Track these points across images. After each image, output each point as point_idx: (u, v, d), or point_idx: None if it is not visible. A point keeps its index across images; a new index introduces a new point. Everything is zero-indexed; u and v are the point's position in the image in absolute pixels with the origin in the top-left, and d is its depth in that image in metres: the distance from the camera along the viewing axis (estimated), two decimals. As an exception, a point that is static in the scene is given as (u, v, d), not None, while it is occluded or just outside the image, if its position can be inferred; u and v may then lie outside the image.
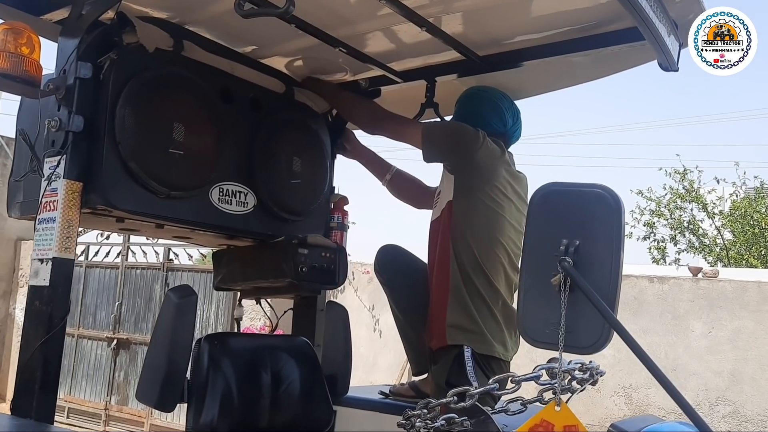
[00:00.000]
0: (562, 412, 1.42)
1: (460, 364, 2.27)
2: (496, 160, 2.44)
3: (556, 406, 1.45)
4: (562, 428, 1.40)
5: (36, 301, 1.92)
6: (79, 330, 8.91)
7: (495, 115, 2.56)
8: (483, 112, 2.57)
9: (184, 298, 2.02)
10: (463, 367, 2.25)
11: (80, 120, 1.97)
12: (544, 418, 1.44)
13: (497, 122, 2.56)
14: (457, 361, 2.28)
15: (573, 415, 1.40)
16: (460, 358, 2.27)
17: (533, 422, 1.45)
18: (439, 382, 2.29)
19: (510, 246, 2.41)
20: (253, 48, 2.55)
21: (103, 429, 8.46)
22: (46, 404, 1.87)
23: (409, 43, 2.48)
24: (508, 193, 2.43)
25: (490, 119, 2.55)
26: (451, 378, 2.25)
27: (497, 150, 2.46)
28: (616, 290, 1.32)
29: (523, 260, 1.45)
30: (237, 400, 2.11)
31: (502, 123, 2.57)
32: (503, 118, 2.58)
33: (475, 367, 2.25)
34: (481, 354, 2.29)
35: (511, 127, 2.61)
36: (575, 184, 1.41)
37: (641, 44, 2.14)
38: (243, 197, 2.38)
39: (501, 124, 2.57)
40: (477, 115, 2.55)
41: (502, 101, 2.60)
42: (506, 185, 2.43)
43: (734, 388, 5.88)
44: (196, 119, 2.21)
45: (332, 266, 2.61)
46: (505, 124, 2.58)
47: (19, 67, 1.86)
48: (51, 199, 1.95)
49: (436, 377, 2.34)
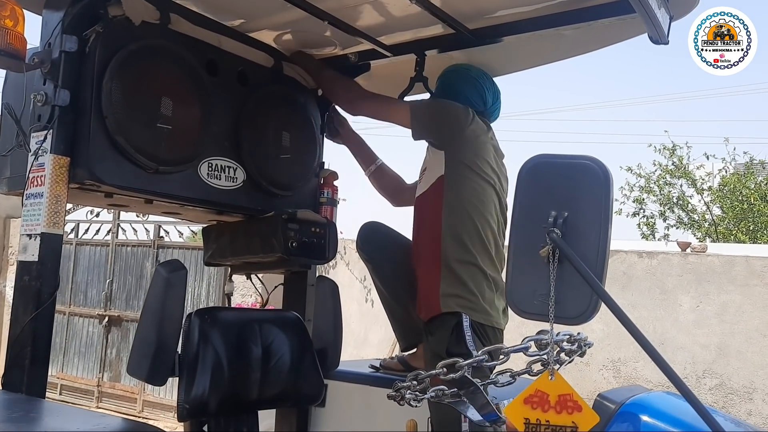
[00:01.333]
0: (557, 381, 1.43)
1: (458, 333, 2.29)
2: (484, 135, 2.48)
3: (549, 376, 1.47)
4: (557, 397, 1.42)
5: (25, 276, 1.91)
6: (71, 308, 8.91)
7: (476, 94, 2.59)
8: (464, 90, 2.59)
9: (174, 272, 2.02)
10: (462, 336, 2.27)
11: (66, 94, 1.95)
12: (538, 388, 1.46)
13: (477, 101, 2.59)
14: (455, 330, 2.30)
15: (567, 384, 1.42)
16: (458, 327, 2.29)
17: (527, 393, 1.46)
18: (438, 352, 2.29)
19: (498, 218, 2.46)
20: (240, 21, 2.52)
21: (96, 405, 8.50)
22: (37, 379, 1.87)
23: (399, 16, 2.46)
24: (495, 167, 2.47)
25: (470, 97, 2.57)
26: (451, 347, 2.27)
27: (484, 126, 2.50)
28: (604, 261, 1.33)
29: (511, 232, 1.46)
30: (228, 373, 2.12)
31: (482, 102, 2.60)
32: (483, 97, 2.61)
33: (473, 336, 2.28)
34: (478, 323, 2.31)
35: (491, 106, 2.64)
36: (563, 156, 1.42)
37: (632, 17, 2.13)
38: (232, 172, 2.37)
39: (481, 103, 2.60)
40: (458, 93, 2.58)
41: (483, 80, 2.63)
42: (493, 160, 2.47)
43: (721, 361, 5.97)
44: (184, 93, 2.19)
45: (322, 241, 2.61)
46: (485, 102, 2.61)
47: (3, 40, 1.83)
48: (38, 174, 1.94)
49: (435, 347, 2.35)
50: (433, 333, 2.40)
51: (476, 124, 2.45)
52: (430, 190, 2.51)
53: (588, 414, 1.42)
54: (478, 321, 2.32)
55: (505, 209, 2.50)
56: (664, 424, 1.74)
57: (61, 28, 1.95)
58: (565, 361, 1.63)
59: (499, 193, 2.47)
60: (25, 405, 1.69)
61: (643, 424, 1.74)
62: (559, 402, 1.44)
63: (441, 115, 2.50)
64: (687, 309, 6.16)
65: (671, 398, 1.92)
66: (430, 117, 2.52)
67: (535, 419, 1.43)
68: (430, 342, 2.42)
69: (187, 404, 2.03)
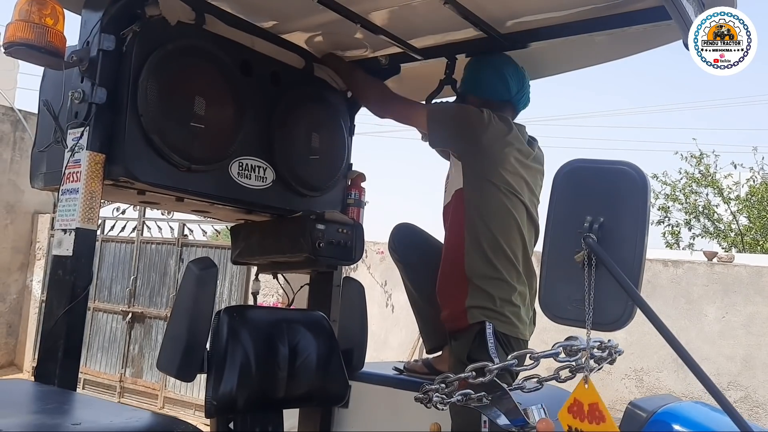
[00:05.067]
0: (590, 390, 1.42)
1: (481, 340, 2.27)
2: (503, 140, 2.38)
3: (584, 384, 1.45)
4: (588, 406, 1.41)
5: (59, 270, 1.95)
6: (95, 303, 9.02)
7: (499, 82, 2.51)
8: (486, 78, 2.53)
9: (205, 269, 2.04)
10: (484, 343, 2.25)
11: (103, 92, 1.98)
12: (576, 398, 1.44)
13: (501, 89, 2.51)
14: (478, 337, 2.28)
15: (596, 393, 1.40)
16: (481, 334, 2.28)
17: (569, 403, 1.45)
18: (459, 357, 2.29)
19: (524, 229, 2.38)
20: (274, 23, 2.54)
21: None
22: (69, 372, 1.90)
23: (430, 19, 2.46)
24: (521, 172, 2.38)
25: (494, 86, 2.51)
26: (472, 353, 2.26)
27: (504, 128, 2.39)
28: (640, 267, 1.32)
29: (545, 236, 1.45)
30: (255, 371, 2.13)
31: (506, 90, 2.52)
32: (507, 85, 2.52)
33: (495, 344, 2.26)
34: (502, 333, 2.29)
35: (516, 93, 2.54)
36: (600, 161, 1.40)
37: (667, 24, 2.11)
38: (262, 172, 2.39)
39: (505, 91, 2.52)
40: (481, 82, 2.53)
41: (506, 68, 2.54)
42: (515, 166, 2.37)
43: (746, 373, 5.87)
44: (217, 93, 2.22)
45: (349, 242, 2.63)
46: (509, 90, 2.52)
47: (43, 38, 1.87)
48: (74, 170, 1.97)
49: (457, 352, 2.35)
50: (456, 339, 2.39)
51: (494, 127, 2.36)
52: (452, 202, 2.47)
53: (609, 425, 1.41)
54: (502, 331, 2.29)
55: (534, 217, 2.42)
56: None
57: (100, 27, 1.99)
58: (594, 368, 1.61)
59: (526, 203, 2.38)
60: (58, 397, 1.72)
61: (674, 434, 1.72)
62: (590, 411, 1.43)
63: (455, 118, 2.45)
64: (712, 319, 6.08)
65: (703, 408, 1.90)
66: (444, 120, 2.48)
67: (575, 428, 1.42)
68: (453, 347, 2.41)
69: (215, 401, 2.05)
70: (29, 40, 1.85)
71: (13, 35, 1.85)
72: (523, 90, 2.58)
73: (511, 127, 2.42)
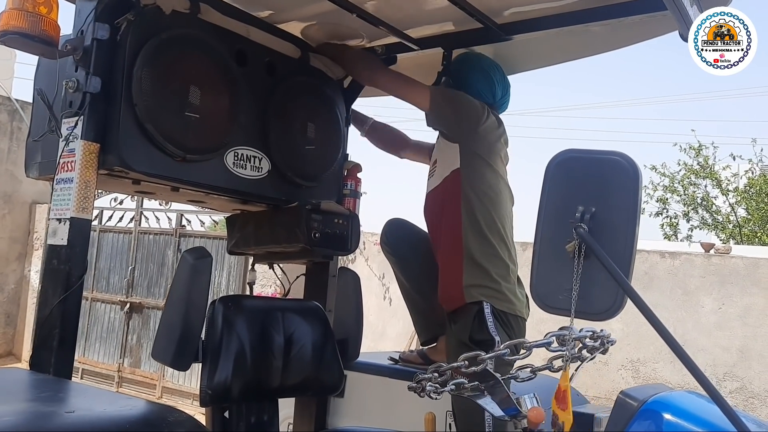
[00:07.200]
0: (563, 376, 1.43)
1: (480, 320, 2.33)
2: (496, 132, 2.52)
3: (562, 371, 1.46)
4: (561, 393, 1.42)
5: (54, 259, 1.95)
6: (93, 293, 9.02)
7: (486, 86, 2.60)
8: (474, 81, 2.60)
9: (200, 259, 2.04)
10: (483, 323, 2.31)
11: (97, 81, 1.97)
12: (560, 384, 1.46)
13: (487, 93, 2.60)
14: (477, 317, 2.33)
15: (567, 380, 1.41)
16: (480, 314, 2.33)
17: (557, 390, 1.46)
18: (462, 339, 2.34)
19: (510, 213, 2.52)
20: (269, 12, 2.53)
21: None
22: (64, 360, 1.91)
23: (427, 9, 2.46)
24: (505, 162, 2.55)
25: (481, 89, 2.59)
26: (473, 334, 2.30)
27: (496, 123, 2.53)
28: (631, 257, 1.33)
29: (537, 226, 1.45)
30: (250, 360, 2.14)
31: (491, 94, 2.61)
32: (493, 90, 2.61)
33: (495, 323, 2.30)
34: (500, 310, 2.33)
35: (500, 99, 2.65)
36: (592, 151, 1.41)
37: (662, 14, 2.11)
38: (257, 162, 2.39)
39: (491, 96, 2.61)
40: (469, 84, 2.59)
41: (495, 73, 2.63)
42: (504, 156, 2.55)
43: (742, 365, 5.89)
44: (212, 82, 2.21)
45: (345, 233, 2.63)
46: (494, 95, 2.62)
47: (37, 27, 1.87)
48: (69, 159, 1.97)
49: (459, 335, 2.39)
50: (456, 321, 2.43)
51: (490, 120, 2.49)
52: (445, 183, 2.52)
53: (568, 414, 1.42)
54: (500, 309, 2.35)
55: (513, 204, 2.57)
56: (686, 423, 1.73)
57: (94, 16, 1.98)
58: (587, 357, 1.62)
59: (509, 189, 2.53)
60: (53, 385, 1.72)
61: (665, 423, 1.73)
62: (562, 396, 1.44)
63: (460, 107, 2.50)
64: (709, 311, 6.09)
65: (694, 397, 1.91)
66: (449, 107, 2.52)
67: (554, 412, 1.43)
68: (454, 330, 2.45)
69: (210, 390, 2.05)
70: (23, 28, 1.84)
71: (6, 24, 1.84)
72: (506, 96, 2.69)
73: (501, 122, 2.58)
